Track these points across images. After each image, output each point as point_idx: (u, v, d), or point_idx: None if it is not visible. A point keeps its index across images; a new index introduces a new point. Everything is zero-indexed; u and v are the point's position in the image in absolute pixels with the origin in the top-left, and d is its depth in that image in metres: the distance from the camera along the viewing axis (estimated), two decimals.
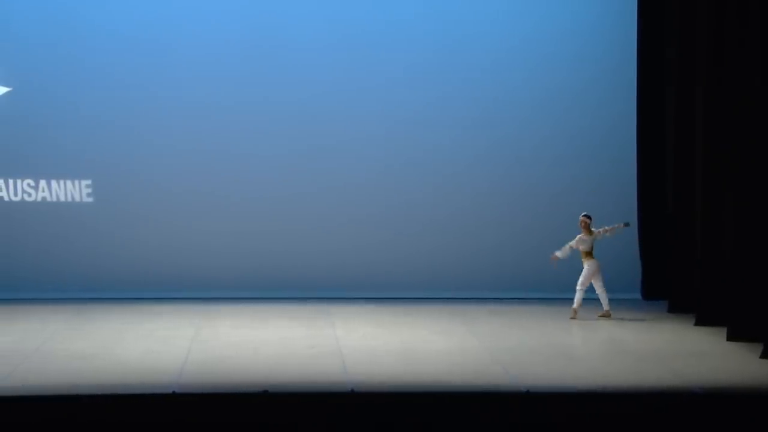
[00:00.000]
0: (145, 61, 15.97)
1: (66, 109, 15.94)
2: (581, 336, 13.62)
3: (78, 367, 11.52)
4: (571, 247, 14.73)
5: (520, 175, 16.42)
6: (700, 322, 14.19)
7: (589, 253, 14.73)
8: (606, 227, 14.76)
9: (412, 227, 16.35)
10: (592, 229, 14.73)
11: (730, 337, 13.09)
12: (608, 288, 14.75)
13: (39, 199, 16.07)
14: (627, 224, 15.01)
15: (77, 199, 16.07)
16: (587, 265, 14.66)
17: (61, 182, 16.07)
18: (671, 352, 12.63)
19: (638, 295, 16.35)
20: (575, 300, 14.68)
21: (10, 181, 16.02)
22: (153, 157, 16.07)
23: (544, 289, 16.20)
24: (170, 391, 10.25)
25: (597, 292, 14.74)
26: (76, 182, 16.09)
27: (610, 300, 14.75)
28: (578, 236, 14.73)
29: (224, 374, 11.28)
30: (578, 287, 14.69)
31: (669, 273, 15.53)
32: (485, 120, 16.37)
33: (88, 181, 16.10)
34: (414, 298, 16.06)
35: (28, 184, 16.05)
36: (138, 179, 16.07)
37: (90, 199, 16.08)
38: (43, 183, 16.06)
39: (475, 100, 16.33)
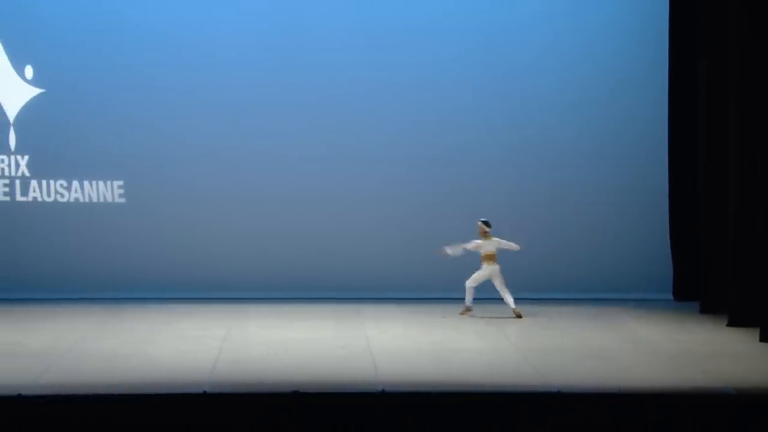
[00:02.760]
0: (177, 63, 16.04)
1: (98, 110, 16.03)
2: (612, 336, 13.55)
3: (109, 367, 11.57)
4: (464, 249, 14.84)
5: (551, 176, 16.37)
6: (733, 323, 14.09)
7: (490, 258, 14.76)
8: (506, 242, 14.83)
9: (441, 227, 16.29)
10: (494, 237, 14.79)
11: (763, 338, 13.00)
12: (641, 288, 14.68)
13: (71, 199, 16.17)
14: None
15: (109, 199, 16.16)
16: (483, 269, 14.76)
17: (94, 183, 16.16)
18: (703, 353, 12.55)
19: (670, 296, 16.26)
20: (467, 298, 14.85)
21: (43, 182, 16.12)
22: (184, 158, 16.13)
23: (574, 290, 16.16)
24: (201, 391, 10.28)
25: (500, 294, 14.79)
26: (108, 183, 16.18)
27: (642, 300, 14.69)
28: (476, 241, 14.80)
29: (255, 374, 11.30)
30: (468, 284, 14.82)
31: (701, 274, 15.44)
32: (514, 121, 16.33)
33: (120, 182, 16.18)
34: (444, 299, 16.03)
35: (61, 185, 16.15)
36: (169, 180, 16.13)
37: (122, 200, 16.16)
38: (75, 184, 16.16)
39: (503, 101, 16.29)
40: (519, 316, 14.64)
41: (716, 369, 11.60)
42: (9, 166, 16.05)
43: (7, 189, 16.07)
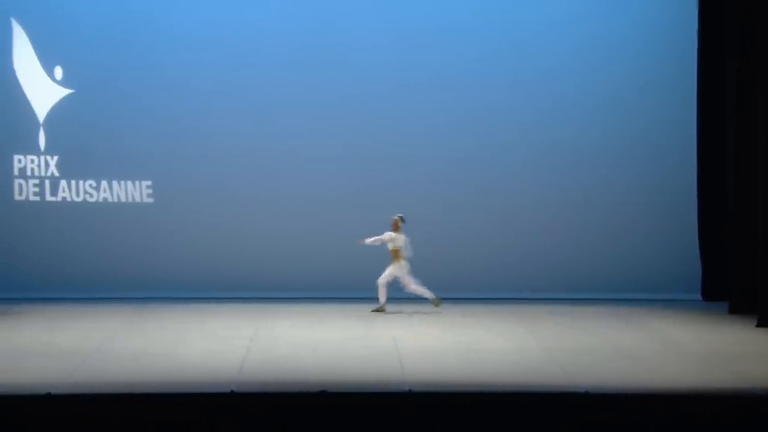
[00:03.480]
0: (205, 63, 16.09)
1: (127, 110, 16.11)
2: (641, 336, 13.49)
3: (138, 367, 11.62)
4: (382, 241, 14.99)
5: (580, 176, 16.34)
6: (762, 323, 14.00)
7: (398, 253, 14.88)
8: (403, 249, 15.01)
9: (470, 228, 16.33)
10: (401, 234, 14.95)
11: None
12: (669, 289, 14.61)
13: (100, 199, 16.26)
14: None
15: (138, 199, 16.23)
16: (393, 267, 14.95)
17: (122, 183, 16.24)
18: (732, 353, 12.48)
19: (698, 296, 16.19)
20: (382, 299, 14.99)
21: (72, 182, 16.22)
22: (212, 158, 16.19)
23: (602, 290, 16.12)
24: (229, 390, 10.30)
25: (410, 289, 15.01)
26: (137, 183, 16.25)
27: (671, 300, 14.61)
28: (390, 234, 14.95)
29: (282, 374, 11.32)
30: (381, 282, 15.00)
31: (730, 274, 15.35)
32: (542, 122, 16.30)
33: (149, 182, 16.26)
34: (472, 299, 16.03)
35: (90, 185, 16.24)
36: (197, 180, 16.20)
37: (150, 200, 16.23)
38: (104, 184, 16.25)
39: (531, 102, 16.27)
40: (378, 311, 14.96)
41: (745, 370, 11.53)
42: (39, 166, 16.15)
43: (36, 189, 16.17)
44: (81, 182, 16.23)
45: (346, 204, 16.23)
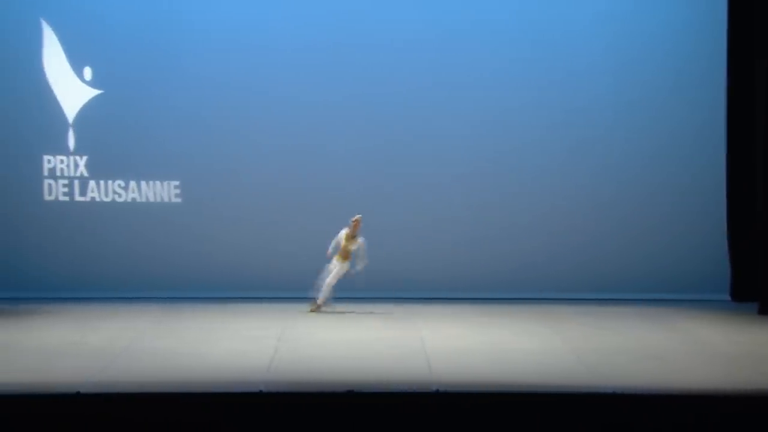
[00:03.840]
0: (233, 63, 16.13)
1: (155, 110, 16.18)
2: (668, 337, 13.44)
3: (166, 366, 11.67)
4: (337, 242, 14.91)
5: (609, 176, 16.29)
6: None
7: (349, 255, 14.91)
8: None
9: (498, 228, 16.31)
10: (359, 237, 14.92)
11: None
12: (698, 289, 14.54)
13: (129, 199, 16.33)
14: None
15: (166, 199, 16.30)
16: (341, 266, 14.88)
17: (151, 183, 16.31)
18: (762, 354, 12.41)
19: (727, 297, 16.11)
20: (322, 296, 14.97)
21: (101, 182, 16.30)
22: (240, 158, 16.23)
23: (629, 290, 16.08)
24: (257, 390, 10.33)
25: (326, 282, 14.92)
26: (165, 183, 16.32)
27: (699, 301, 14.54)
28: (346, 232, 14.91)
29: (310, 373, 11.34)
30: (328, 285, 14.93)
31: (759, 274, 15.26)
32: (574, 121, 16.26)
33: (177, 182, 16.32)
34: (499, 299, 16.01)
35: (119, 185, 16.32)
36: (225, 180, 16.24)
37: (178, 200, 16.29)
38: (133, 184, 16.32)
39: (564, 101, 16.22)
40: (314, 311, 14.93)
41: None
42: (68, 166, 16.24)
43: (66, 189, 16.27)
44: (110, 182, 16.31)
45: (373, 204, 16.21)
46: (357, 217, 14.92)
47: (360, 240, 14.87)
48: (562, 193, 16.31)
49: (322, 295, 14.98)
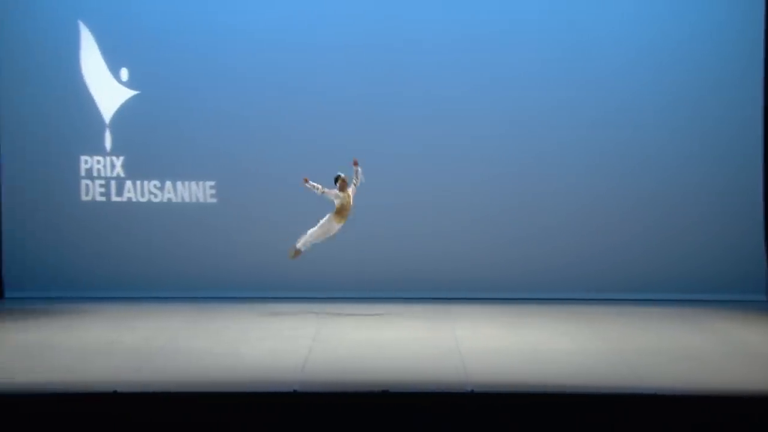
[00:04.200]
0: (270, 63, 16.16)
1: (191, 111, 16.25)
2: (706, 338, 13.34)
3: (201, 365, 11.71)
4: (322, 191, 14.54)
5: (644, 175, 16.20)
6: None
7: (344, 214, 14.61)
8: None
9: (534, 227, 16.26)
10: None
11: None
12: (734, 289, 14.44)
13: (165, 200, 16.41)
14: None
15: (201, 200, 16.36)
16: (331, 225, 14.58)
17: (186, 183, 16.39)
18: None
19: (764, 297, 15.99)
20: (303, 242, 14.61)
21: (137, 183, 16.39)
22: (275, 158, 16.27)
23: (667, 290, 16.00)
24: (291, 390, 10.35)
25: (310, 231, 14.67)
26: (201, 183, 16.39)
27: (737, 301, 14.44)
28: (336, 191, 14.60)
29: (345, 373, 11.34)
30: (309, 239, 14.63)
31: None
32: (609, 122, 16.17)
33: (212, 182, 16.38)
34: (536, 299, 15.96)
35: (155, 186, 16.41)
36: (261, 180, 16.29)
37: (213, 200, 16.35)
38: (168, 184, 16.40)
39: (599, 101, 16.14)
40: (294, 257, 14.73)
41: None
42: (105, 167, 16.35)
43: (103, 189, 16.37)
44: (146, 183, 16.40)
45: (405, 205, 16.22)
46: (343, 175, 14.64)
47: (349, 190, 14.63)
48: (600, 192, 16.24)
49: (303, 241, 14.74)
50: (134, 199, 16.42)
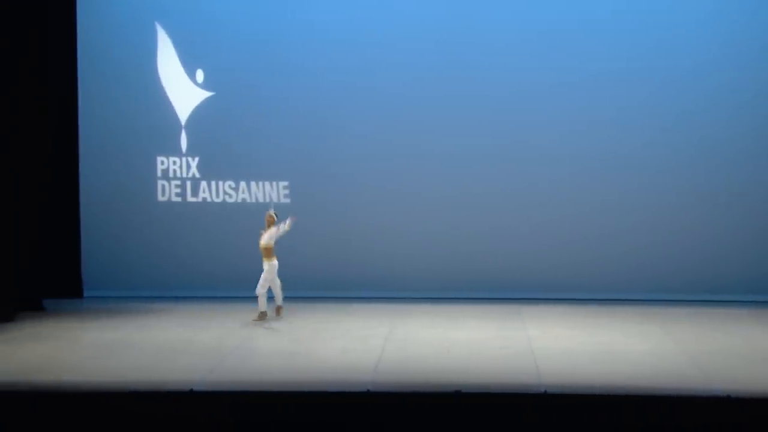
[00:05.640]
0: (344, 63, 16.19)
1: (265, 112, 16.35)
2: None
3: (275, 364, 11.82)
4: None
5: (722, 177, 15.96)
6: None
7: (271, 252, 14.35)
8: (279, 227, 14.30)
9: (607, 228, 16.13)
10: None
11: None
12: None
13: (239, 200, 16.56)
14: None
15: (275, 199, 16.47)
16: (271, 265, 14.29)
17: (260, 183, 16.52)
18: None
19: None
20: (262, 303, 14.28)
21: (212, 183, 16.56)
22: (348, 158, 16.32)
23: (744, 292, 15.77)
24: (365, 389, 10.40)
25: (276, 291, 14.43)
26: (274, 183, 16.51)
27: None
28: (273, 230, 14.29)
29: (417, 373, 11.38)
30: (261, 291, 14.28)
31: None
32: (687, 122, 15.98)
33: (286, 183, 16.49)
34: (608, 300, 15.85)
35: (229, 186, 16.57)
36: (333, 180, 16.35)
37: (287, 200, 16.46)
38: (243, 184, 16.55)
39: (677, 101, 15.95)
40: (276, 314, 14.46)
41: None
42: (180, 167, 16.54)
43: (179, 190, 16.57)
44: (221, 183, 16.56)
45: (477, 205, 16.18)
46: (271, 212, 14.48)
47: (273, 229, 14.36)
48: (673, 193, 16.05)
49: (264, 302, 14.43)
50: (209, 200, 16.58)
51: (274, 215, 14.48)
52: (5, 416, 9.99)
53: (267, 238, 14.35)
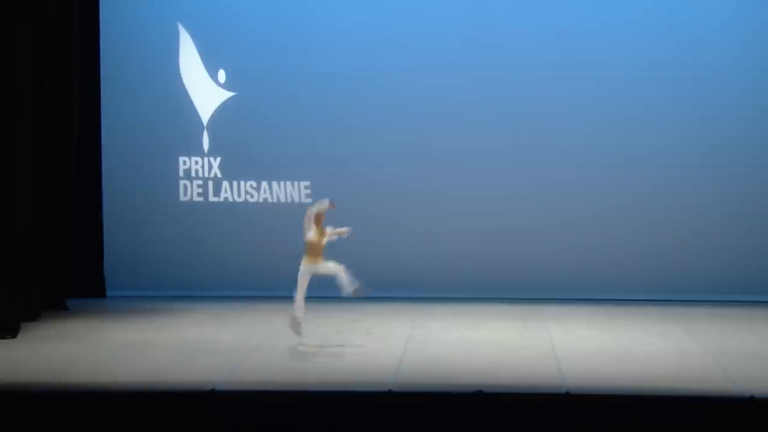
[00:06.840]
0: (366, 64, 16.19)
1: (287, 112, 16.36)
2: None
3: (297, 364, 11.84)
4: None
5: (744, 177, 15.88)
6: None
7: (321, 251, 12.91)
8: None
9: (629, 228, 16.08)
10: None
11: None
12: None
13: (261, 200, 16.59)
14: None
15: (296, 200, 16.50)
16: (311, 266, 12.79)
17: (282, 183, 16.55)
18: None
19: None
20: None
21: (234, 183, 16.60)
22: (369, 158, 16.33)
23: (764, 293, 15.70)
24: (386, 389, 10.40)
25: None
26: (296, 183, 16.53)
27: None
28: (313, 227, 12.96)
29: (439, 374, 11.38)
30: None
31: None
32: (709, 121, 15.90)
33: (307, 183, 16.51)
34: (630, 300, 15.79)
35: (251, 186, 16.60)
36: (354, 180, 16.35)
37: (308, 200, 16.47)
38: (264, 184, 16.58)
39: (699, 101, 15.87)
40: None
41: None
42: (202, 167, 16.58)
43: (200, 190, 16.61)
44: (242, 183, 16.59)
45: (501, 205, 16.16)
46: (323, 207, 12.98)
47: (328, 229, 13.18)
48: (695, 193, 15.97)
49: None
50: (231, 200, 16.62)
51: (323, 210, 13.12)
52: (29, 415, 10.04)
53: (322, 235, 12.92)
